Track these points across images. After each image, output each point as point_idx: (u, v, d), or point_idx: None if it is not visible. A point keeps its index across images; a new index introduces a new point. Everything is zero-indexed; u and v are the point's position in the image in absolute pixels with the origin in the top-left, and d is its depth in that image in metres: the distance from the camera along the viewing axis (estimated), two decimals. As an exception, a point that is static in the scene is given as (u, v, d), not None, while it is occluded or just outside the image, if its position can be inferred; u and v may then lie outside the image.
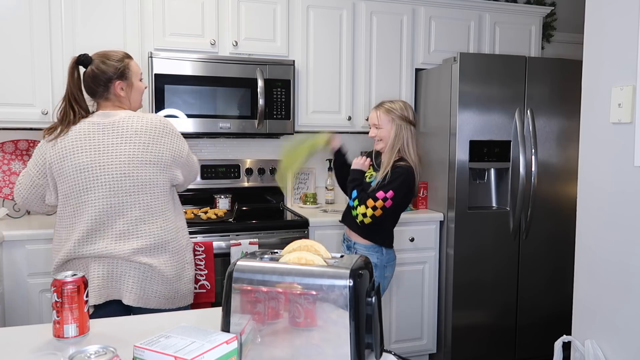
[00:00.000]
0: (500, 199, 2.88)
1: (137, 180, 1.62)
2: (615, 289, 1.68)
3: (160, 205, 1.67)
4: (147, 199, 1.64)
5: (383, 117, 2.14)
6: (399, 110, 2.14)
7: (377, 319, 0.94)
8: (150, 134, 1.66)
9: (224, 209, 2.83)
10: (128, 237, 1.61)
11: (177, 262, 1.70)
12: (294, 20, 2.84)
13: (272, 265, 0.98)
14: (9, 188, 2.64)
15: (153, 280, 1.64)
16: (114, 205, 1.60)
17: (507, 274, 2.83)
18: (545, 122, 2.82)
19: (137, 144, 1.63)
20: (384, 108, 2.16)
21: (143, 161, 1.63)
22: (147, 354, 0.81)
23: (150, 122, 1.68)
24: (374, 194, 2.05)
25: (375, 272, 2.12)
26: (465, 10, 3.13)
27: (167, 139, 1.69)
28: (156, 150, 1.65)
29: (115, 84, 1.70)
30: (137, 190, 1.62)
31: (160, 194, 1.67)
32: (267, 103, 2.71)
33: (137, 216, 1.62)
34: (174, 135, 1.72)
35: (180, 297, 1.72)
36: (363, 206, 2.05)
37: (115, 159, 1.61)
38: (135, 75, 1.76)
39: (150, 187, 1.64)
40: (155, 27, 2.61)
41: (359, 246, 2.17)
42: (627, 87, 1.61)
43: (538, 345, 2.90)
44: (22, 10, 2.40)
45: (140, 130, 1.65)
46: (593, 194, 1.78)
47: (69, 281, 1.09)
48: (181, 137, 1.76)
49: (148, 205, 1.64)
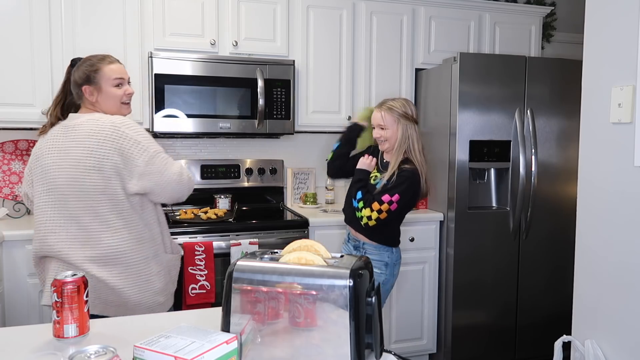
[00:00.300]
0: (500, 199, 2.88)
1: (85, 186, 1.58)
2: (615, 289, 1.68)
3: (110, 215, 1.59)
4: (95, 207, 1.58)
5: (388, 118, 2.08)
6: (403, 109, 2.10)
7: (377, 319, 0.94)
8: (97, 138, 1.57)
9: (224, 209, 2.83)
10: (80, 243, 1.59)
11: (134, 275, 1.63)
12: (294, 20, 2.84)
13: (272, 265, 0.98)
14: (9, 188, 2.64)
15: (103, 291, 1.59)
16: (68, 209, 1.60)
17: (507, 274, 2.83)
18: (545, 122, 2.82)
19: (84, 149, 1.58)
20: (389, 108, 2.09)
21: (88, 167, 1.57)
22: (147, 354, 0.81)
23: (101, 125, 1.59)
24: (380, 197, 2.01)
25: (386, 270, 2.12)
26: (465, 10, 3.13)
27: (116, 144, 1.57)
28: (101, 155, 1.57)
29: (83, 89, 1.67)
30: (86, 197, 1.58)
31: (109, 202, 1.59)
32: (267, 103, 2.71)
33: (88, 223, 1.59)
34: (127, 140, 1.58)
35: (147, 308, 1.66)
36: (368, 209, 2.02)
37: (67, 163, 1.59)
38: (106, 81, 1.68)
39: (97, 195, 1.58)
40: (155, 27, 2.61)
41: (368, 246, 2.13)
42: (627, 87, 1.61)
43: (538, 345, 2.90)
44: (22, 11, 2.40)
45: (90, 133, 1.58)
46: (593, 194, 1.78)
47: (69, 281, 1.09)
48: (141, 144, 1.59)
49: (97, 213, 1.59)
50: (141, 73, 2.59)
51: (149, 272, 1.66)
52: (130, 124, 1.62)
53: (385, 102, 2.14)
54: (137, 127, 1.64)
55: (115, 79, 1.70)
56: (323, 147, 3.15)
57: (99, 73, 1.67)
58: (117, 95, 1.70)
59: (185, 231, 2.39)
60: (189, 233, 2.39)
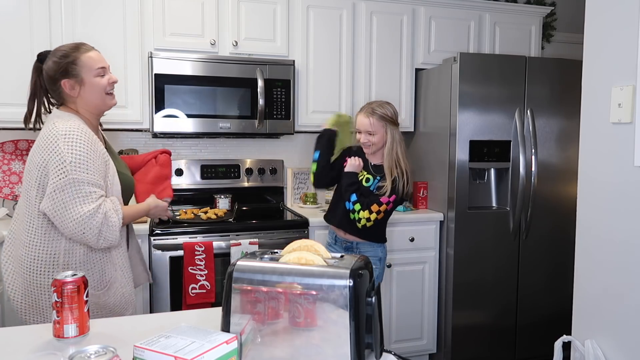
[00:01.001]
0: (500, 199, 2.88)
1: (24, 198, 1.53)
2: (615, 289, 1.68)
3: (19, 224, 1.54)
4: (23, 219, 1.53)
5: (376, 123, 2.13)
6: (389, 114, 2.15)
7: (377, 319, 0.94)
8: (37, 146, 1.49)
9: (224, 209, 2.83)
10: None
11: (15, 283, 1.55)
12: (294, 20, 2.84)
13: (272, 265, 0.98)
14: (9, 188, 2.64)
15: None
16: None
17: (507, 273, 2.83)
18: (545, 122, 2.82)
19: (30, 159, 1.51)
20: (376, 114, 2.13)
21: (29, 179, 1.50)
22: (147, 354, 0.81)
23: (47, 134, 1.47)
24: (378, 198, 2.10)
25: (380, 265, 2.23)
26: (465, 10, 3.13)
27: (45, 155, 1.44)
28: (30, 161, 1.51)
29: (62, 83, 1.52)
30: (23, 209, 1.54)
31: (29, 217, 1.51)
32: (267, 103, 2.71)
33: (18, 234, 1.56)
34: (55, 155, 1.42)
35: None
36: (367, 211, 2.09)
37: (26, 170, 1.55)
38: (87, 71, 1.53)
39: (28, 209, 1.51)
40: (155, 27, 2.61)
41: (363, 245, 2.20)
42: (627, 87, 1.61)
43: (538, 345, 2.90)
44: (22, 11, 2.40)
45: (38, 141, 1.50)
46: (593, 194, 1.78)
47: (69, 281, 1.09)
48: (64, 164, 1.41)
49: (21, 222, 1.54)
50: (141, 73, 2.59)
51: (40, 300, 1.54)
52: (74, 139, 1.44)
53: (371, 107, 2.16)
54: (80, 145, 1.44)
55: (98, 69, 1.56)
56: (323, 147, 3.16)
57: (78, 63, 1.52)
58: (102, 86, 1.56)
59: (185, 231, 2.39)
60: (189, 233, 2.39)
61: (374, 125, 2.13)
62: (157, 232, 2.34)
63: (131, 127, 2.68)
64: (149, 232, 2.34)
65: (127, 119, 2.59)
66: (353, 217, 2.12)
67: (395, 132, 2.16)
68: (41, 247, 1.50)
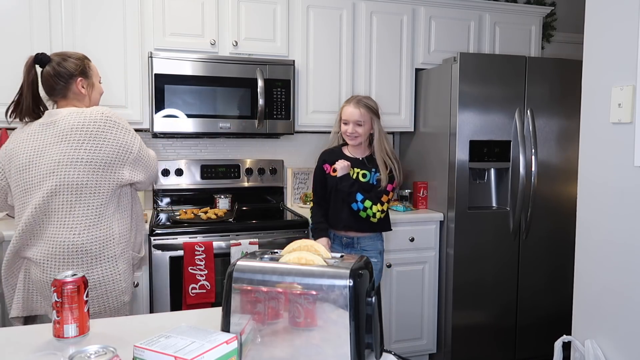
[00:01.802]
0: (500, 199, 2.88)
1: (67, 181, 1.53)
2: (615, 289, 1.68)
3: (87, 210, 1.56)
4: (74, 202, 1.54)
5: (365, 115, 2.21)
6: (375, 106, 2.25)
7: (377, 319, 0.94)
8: (87, 129, 1.55)
9: (224, 209, 2.83)
10: (50, 240, 1.54)
11: (101, 273, 1.58)
12: (294, 20, 2.84)
13: (272, 265, 0.98)
14: (9, 188, 2.63)
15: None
16: (43, 209, 1.54)
17: (507, 273, 2.83)
18: (545, 122, 2.82)
19: (71, 142, 1.54)
20: (365, 105, 2.21)
21: (75, 160, 1.53)
22: (147, 354, 0.81)
23: (89, 117, 1.57)
24: (385, 188, 2.20)
25: (380, 257, 2.29)
26: (465, 10, 3.13)
27: (109, 134, 1.57)
28: (93, 147, 1.55)
29: (76, 80, 1.66)
30: (68, 192, 1.54)
31: (97, 198, 1.56)
32: (267, 103, 2.71)
33: (66, 222, 1.54)
34: (118, 129, 1.60)
35: (113, 309, 1.62)
36: (379, 204, 2.18)
37: (47, 160, 1.54)
38: (95, 76, 1.75)
39: (78, 190, 1.54)
40: (155, 27, 2.61)
41: (364, 240, 2.25)
42: (627, 87, 1.61)
43: (538, 345, 2.90)
44: (22, 11, 2.40)
45: (77, 126, 1.56)
46: (593, 194, 1.78)
47: (69, 281, 1.09)
48: (130, 131, 1.64)
49: (72, 209, 1.54)
50: (141, 73, 2.59)
51: (117, 270, 1.62)
52: (115, 113, 1.65)
53: (358, 98, 2.25)
54: (120, 115, 1.68)
55: (99, 77, 1.79)
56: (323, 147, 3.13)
57: (91, 68, 1.73)
58: (102, 92, 1.80)
59: (185, 231, 2.39)
60: (189, 233, 2.39)
61: (363, 115, 2.20)
62: (157, 232, 2.34)
63: (131, 127, 2.68)
64: (149, 232, 2.34)
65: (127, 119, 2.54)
66: (365, 214, 2.18)
67: (380, 123, 2.25)
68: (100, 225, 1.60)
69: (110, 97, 2.45)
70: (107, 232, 1.59)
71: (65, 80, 1.65)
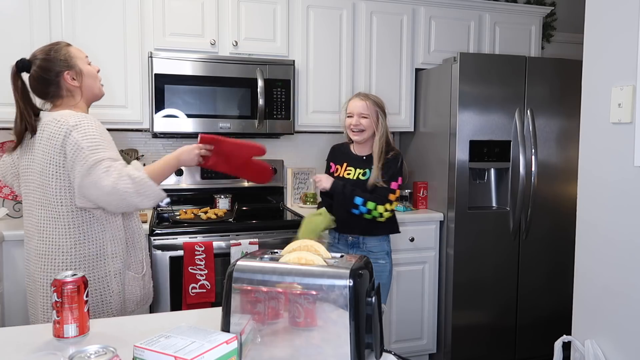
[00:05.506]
0: (500, 199, 2.88)
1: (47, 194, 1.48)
2: (615, 289, 1.68)
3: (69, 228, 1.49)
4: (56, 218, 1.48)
5: (371, 108, 2.20)
6: (381, 104, 2.24)
7: (377, 319, 0.94)
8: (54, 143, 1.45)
9: (224, 209, 2.83)
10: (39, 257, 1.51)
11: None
12: (294, 20, 2.84)
13: (272, 265, 0.98)
14: (9, 188, 2.63)
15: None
16: (34, 219, 1.53)
17: (507, 273, 2.83)
18: (545, 122, 2.82)
19: (45, 154, 1.47)
20: (372, 100, 2.21)
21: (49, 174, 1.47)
22: (147, 354, 0.81)
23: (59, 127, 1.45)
24: (389, 187, 2.13)
25: (388, 258, 2.23)
26: (465, 10, 3.13)
27: (63, 150, 1.44)
28: (56, 162, 1.46)
29: (64, 75, 1.55)
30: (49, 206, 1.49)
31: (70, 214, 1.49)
32: (267, 103, 2.71)
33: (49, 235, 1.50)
34: (71, 147, 1.42)
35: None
36: (387, 204, 2.10)
37: (29, 168, 1.53)
38: (80, 60, 1.59)
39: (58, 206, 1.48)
40: (155, 27, 2.61)
41: (370, 240, 2.20)
42: (627, 87, 1.61)
43: (538, 345, 2.90)
44: (22, 11, 2.39)
45: (50, 136, 1.46)
46: (593, 194, 1.78)
47: (68, 281, 1.09)
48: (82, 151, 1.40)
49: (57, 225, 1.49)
50: (141, 73, 2.59)
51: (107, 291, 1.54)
52: (84, 126, 1.45)
53: (366, 93, 2.27)
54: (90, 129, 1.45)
55: (85, 57, 1.62)
56: (323, 147, 3.15)
57: (71, 55, 1.57)
58: (94, 72, 1.63)
59: (185, 231, 2.39)
60: (189, 233, 2.39)
61: (369, 107, 2.19)
62: (157, 232, 2.34)
63: (131, 127, 2.68)
64: (149, 232, 2.34)
65: (127, 119, 2.59)
66: (372, 216, 2.10)
67: (385, 121, 2.22)
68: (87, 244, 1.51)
69: (111, 97, 2.45)
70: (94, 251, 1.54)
71: (55, 81, 1.55)
